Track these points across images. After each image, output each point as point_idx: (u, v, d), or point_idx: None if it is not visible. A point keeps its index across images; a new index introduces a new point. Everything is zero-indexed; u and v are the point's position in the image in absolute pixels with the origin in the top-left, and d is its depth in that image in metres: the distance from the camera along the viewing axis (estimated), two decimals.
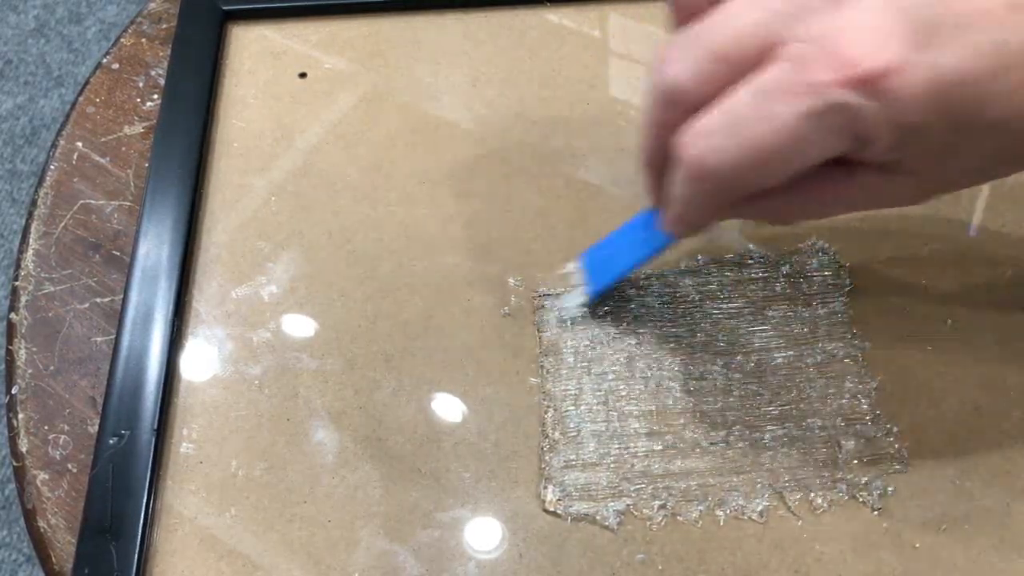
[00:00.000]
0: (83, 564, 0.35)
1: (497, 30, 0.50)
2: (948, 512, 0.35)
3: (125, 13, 1.48)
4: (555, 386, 0.38)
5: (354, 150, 0.46)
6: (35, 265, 0.44)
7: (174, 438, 0.38)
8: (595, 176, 0.44)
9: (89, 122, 0.49)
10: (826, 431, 0.37)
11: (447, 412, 0.38)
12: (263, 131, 0.47)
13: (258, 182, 0.45)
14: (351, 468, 0.37)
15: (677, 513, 0.36)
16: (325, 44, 0.50)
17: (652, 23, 0.49)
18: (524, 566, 0.35)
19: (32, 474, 0.38)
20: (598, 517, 0.36)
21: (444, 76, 0.48)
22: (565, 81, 0.48)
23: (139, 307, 0.41)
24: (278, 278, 0.42)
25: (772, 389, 0.38)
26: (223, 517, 0.37)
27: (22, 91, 1.40)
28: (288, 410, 0.39)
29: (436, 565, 0.35)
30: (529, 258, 0.42)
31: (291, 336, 0.41)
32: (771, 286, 0.40)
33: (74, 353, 0.41)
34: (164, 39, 0.51)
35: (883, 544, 0.35)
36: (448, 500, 0.36)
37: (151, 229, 0.43)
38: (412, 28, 0.50)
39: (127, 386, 0.39)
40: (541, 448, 0.37)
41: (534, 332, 0.40)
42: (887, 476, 0.36)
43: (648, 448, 0.37)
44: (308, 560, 0.36)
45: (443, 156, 0.45)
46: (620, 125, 0.46)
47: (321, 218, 0.44)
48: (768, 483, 0.36)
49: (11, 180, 1.32)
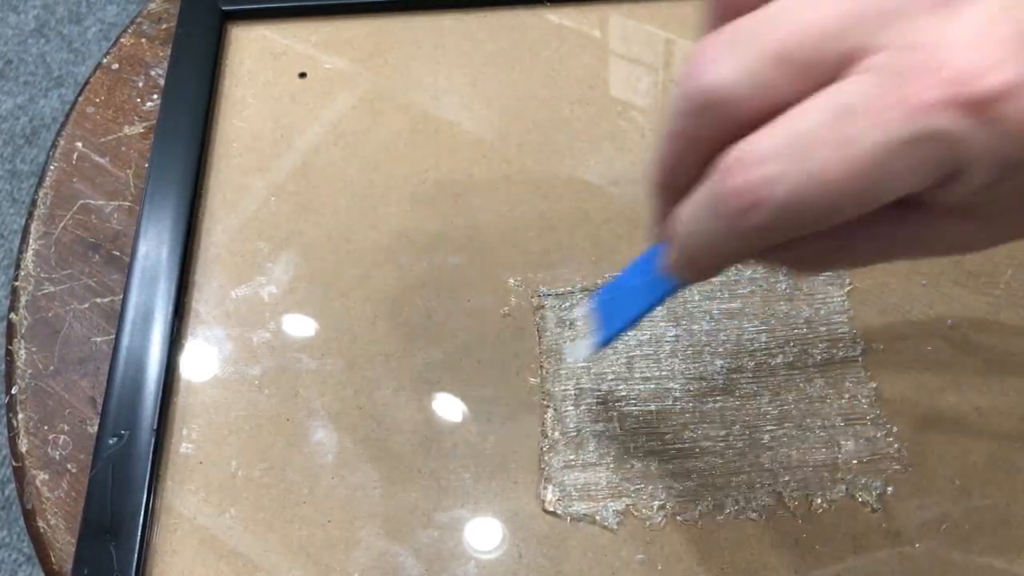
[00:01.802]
0: (83, 564, 0.35)
1: (497, 30, 0.50)
2: (948, 512, 0.35)
3: (125, 13, 1.48)
4: (555, 386, 0.38)
5: (354, 150, 0.46)
6: (35, 265, 0.44)
7: (174, 438, 0.38)
8: (595, 176, 0.44)
9: (89, 122, 0.49)
10: (826, 431, 0.37)
11: (447, 412, 0.38)
12: (263, 131, 0.47)
13: (258, 182, 0.45)
14: (351, 468, 0.37)
15: (677, 513, 0.36)
16: (325, 44, 0.50)
17: (652, 23, 0.49)
18: (524, 566, 0.35)
19: (32, 474, 0.38)
20: (598, 517, 0.36)
21: (444, 76, 0.48)
22: (565, 81, 0.48)
23: (139, 307, 0.41)
24: (278, 278, 0.42)
25: (772, 389, 0.38)
26: (223, 517, 0.37)
27: (22, 91, 1.40)
28: (288, 410, 0.39)
29: (436, 565, 0.35)
30: (529, 258, 0.42)
31: (291, 336, 0.41)
32: (771, 286, 0.40)
33: (74, 353, 0.41)
34: (164, 39, 0.51)
35: (883, 544, 0.35)
36: (448, 500, 0.36)
37: (151, 229, 0.43)
38: (412, 28, 0.50)
39: (127, 386, 0.39)
40: (541, 448, 0.37)
41: (534, 332, 0.40)
42: (887, 476, 0.36)
43: (648, 448, 0.37)
44: (308, 560, 0.36)
45: (443, 156, 0.45)
46: (620, 125, 0.46)
47: (321, 218, 0.44)
48: (768, 483, 0.36)
49: (11, 180, 1.32)
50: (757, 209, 0.22)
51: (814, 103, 0.21)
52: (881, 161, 0.21)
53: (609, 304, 0.34)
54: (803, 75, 0.22)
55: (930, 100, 0.20)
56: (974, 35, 0.20)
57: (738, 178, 0.22)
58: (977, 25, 0.20)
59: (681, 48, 0.48)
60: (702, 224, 0.23)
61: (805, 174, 0.21)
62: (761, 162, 0.21)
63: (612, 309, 0.34)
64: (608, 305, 0.34)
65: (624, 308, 0.33)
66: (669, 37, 0.49)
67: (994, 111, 0.20)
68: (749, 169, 0.22)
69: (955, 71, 0.20)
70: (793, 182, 0.21)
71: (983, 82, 0.20)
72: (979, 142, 0.20)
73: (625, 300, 0.33)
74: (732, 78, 0.22)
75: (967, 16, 0.21)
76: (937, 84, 0.20)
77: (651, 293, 0.31)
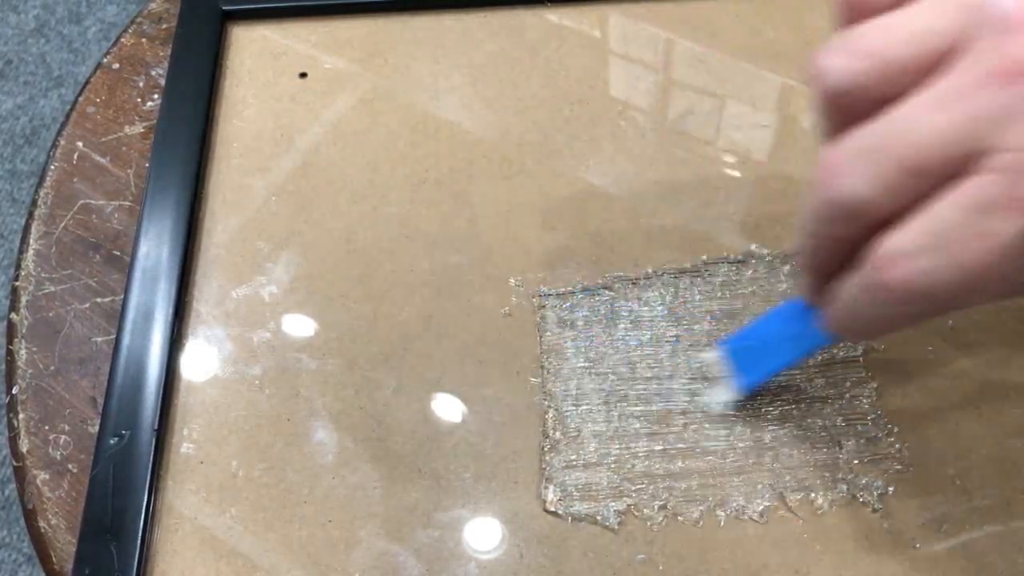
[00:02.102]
0: (83, 564, 0.35)
1: (497, 30, 0.50)
2: (948, 512, 0.35)
3: (125, 13, 1.48)
4: (556, 386, 0.38)
5: (354, 150, 0.46)
6: (35, 265, 0.44)
7: (174, 438, 0.38)
8: (595, 176, 0.44)
9: (89, 122, 0.49)
10: (826, 431, 0.37)
11: (447, 412, 0.38)
12: (263, 131, 0.47)
13: (258, 182, 0.45)
14: (351, 468, 0.37)
15: (678, 513, 0.36)
16: (325, 44, 0.50)
17: (652, 23, 0.49)
18: (524, 566, 0.35)
19: (32, 474, 0.38)
20: (599, 517, 0.36)
21: (444, 76, 0.48)
22: (565, 81, 0.48)
23: (139, 307, 0.41)
24: (278, 278, 0.42)
25: (772, 389, 0.38)
26: (223, 517, 0.37)
27: (22, 91, 1.40)
28: (288, 410, 0.39)
29: (436, 565, 0.35)
30: (529, 258, 0.42)
31: (291, 336, 0.41)
32: (772, 286, 0.40)
33: (74, 353, 0.41)
34: (164, 39, 0.51)
35: (883, 544, 0.35)
36: (448, 500, 0.36)
37: (151, 229, 0.43)
38: (412, 28, 0.50)
39: (127, 386, 0.39)
40: (542, 448, 0.37)
41: (534, 332, 0.40)
42: (887, 476, 0.36)
43: (649, 448, 0.37)
44: (308, 560, 0.36)
45: (443, 156, 0.45)
46: (620, 125, 0.46)
47: (321, 218, 0.44)
48: (768, 483, 0.36)
49: (11, 180, 1.32)
50: (912, 297, 0.25)
51: (946, 203, 0.24)
52: (1018, 247, 0.23)
53: (748, 352, 0.36)
54: (931, 178, 0.24)
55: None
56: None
57: (893, 272, 0.25)
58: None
59: (681, 48, 0.48)
60: (861, 306, 0.27)
61: (952, 266, 0.24)
62: (910, 257, 0.24)
63: (753, 356, 0.36)
64: (747, 352, 0.37)
65: (770, 356, 0.36)
66: (669, 37, 0.49)
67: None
68: (901, 264, 0.25)
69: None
70: (942, 274, 0.24)
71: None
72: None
73: (769, 348, 0.36)
74: (868, 191, 0.25)
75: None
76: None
77: (801, 345, 0.34)
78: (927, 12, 0.25)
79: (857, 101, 0.26)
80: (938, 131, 0.24)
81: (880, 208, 0.25)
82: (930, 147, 0.24)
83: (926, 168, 0.24)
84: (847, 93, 0.26)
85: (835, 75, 0.26)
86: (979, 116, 0.23)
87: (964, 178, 0.24)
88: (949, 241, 0.24)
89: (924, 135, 0.24)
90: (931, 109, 0.24)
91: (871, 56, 0.25)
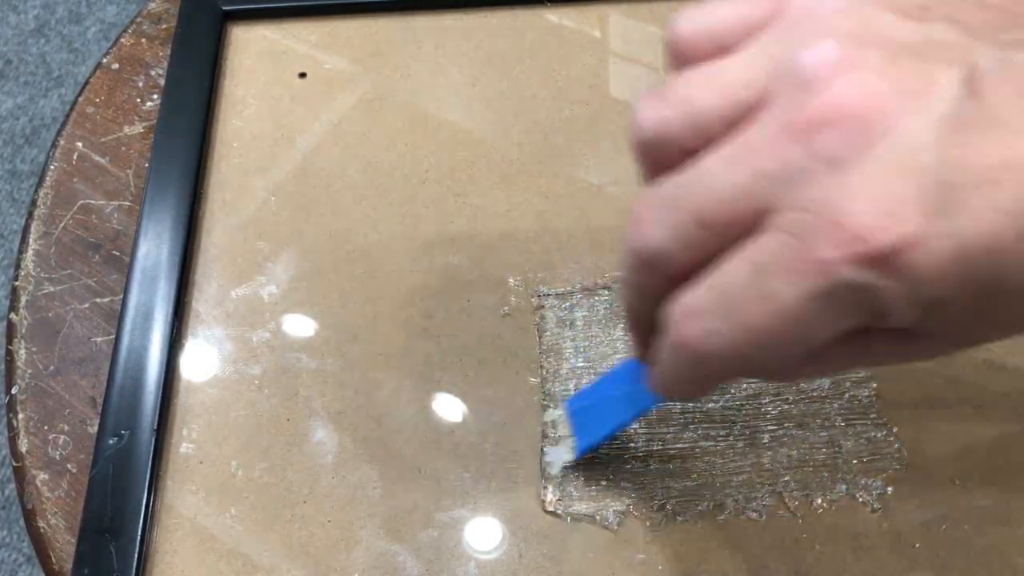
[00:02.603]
0: (83, 564, 0.35)
1: (497, 30, 0.50)
2: (948, 512, 0.35)
3: (125, 13, 1.48)
4: (555, 386, 0.38)
5: (354, 150, 0.46)
6: (35, 265, 0.44)
7: (174, 438, 0.38)
8: (595, 176, 0.44)
9: (89, 122, 0.49)
10: (826, 431, 0.37)
11: (447, 412, 0.38)
12: (263, 131, 0.47)
13: (258, 182, 0.45)
14: (351, 468, 0.37)
15: (677, 513, 0.36)
16: (325, 44, 0.50)
17: (652, 23, 0.49)
18: (524, 566, 0.35)
19: (32, 474, 0.38)
20: (598, 517, 0.36)
21: (444, 76, 0.48)
22: (565, 81, 0.48)
23: (139, 307, 0.41)
24: (278, 278, 0.42)
25: (772, 389, 0.38)
26: (223, 517, 0.37)
27: (22, 91, 1.40)
28: (288, 410, 0.39)
29: (436, 565, 0.35)
30: (529, 258, 0.42)
31: (291, 336, 0.41)
32: None
33: (74, 353, 0.41)
34: (164, 39, 0.51)
35: (883, 544, 0.35)
36: (448, 500, 0.36)
37: (151, 229, 0.43)
38: (412, 28, 0.50)
39: (127, 386, 0.39)
40: (541, 448, 0.37)
41: (534, 332, 0.40)
42: (887, 476, 0.36)
43: (648, 448, 0.37)
44: (308, 560, 0.36)
45: (443, 156, 0.45)
46: (620, 125, 0.46)
47: (321, 218, 0.44)
48: (768, 483, 0.36)
49: (11, 180, 1.32)
50: (703, 356, 0.24)
51: (734, 261, 0.23)
52: (803, 312, 0.22)
53: (587, 411, 0.36)
54: (722, 233, 0.23)
55: (832, 258, 0.21)
56: (869, 192, 0.21)
57: (682, 332, 0.24)
58: (872, 182, 0.21)
59: None
60: (673, 364, 0.26)
61: (738, 327, 0.23)
62: (698, 316, 0.24)
63: (592, 417, 0.35)
64: (586, 412, 0.36)
65: (606, 417, 0.35)
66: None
67: (895, 261, 0.21)
68: (688, 323, 0.24)
69: (852, 229, 0.21)
70: (729, 335, 0.23)
71: (880, 237, 0.21)
72: (892, 289, 0.21)
73: (606, 409, 0.35)
74: (665, 242, 0.24)
75: (862, 174, 0.21)
76: (836, 243, 0.21)
77: (634, 405, 0.34)
78: (740, 63, 0.24)
79: (667, 150, 0.25)
80: (729, 185, 0.23)
81: (679, 261, 0.24)
82: (720, 201, 0.23)
83: (718, 222, 0.23)
84: (658, 141, 0.25)
85: (647, 123, 0.25)
86: (767, 172, 0.22)
87: (754, 236, 0.23)
88: (734, 301, 0.23)
89: (716, 189, 0.23)
90: (726, 163, 0.23)
91: (681, 105, 0.24)
